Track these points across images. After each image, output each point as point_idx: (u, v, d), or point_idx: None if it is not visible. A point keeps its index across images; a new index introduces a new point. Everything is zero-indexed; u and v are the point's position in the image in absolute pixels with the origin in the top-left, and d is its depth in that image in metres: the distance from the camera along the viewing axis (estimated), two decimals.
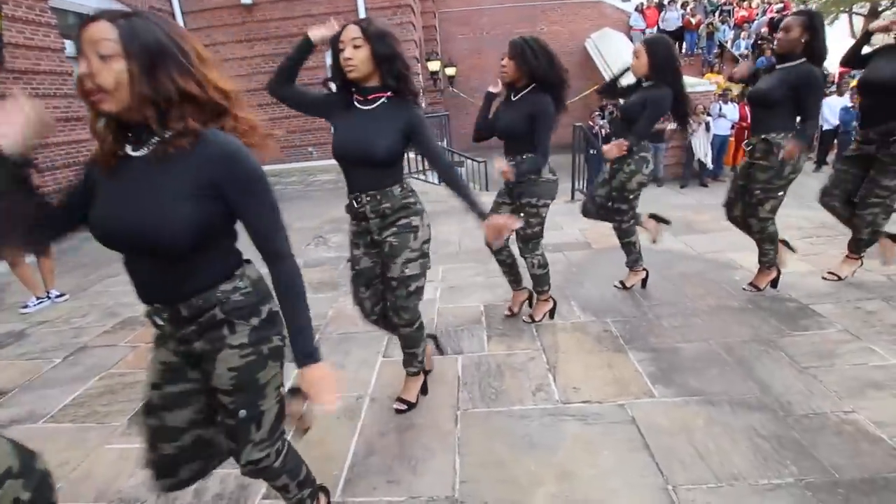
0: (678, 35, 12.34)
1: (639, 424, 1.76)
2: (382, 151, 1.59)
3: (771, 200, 2.55)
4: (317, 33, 1.67)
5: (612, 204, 2.76)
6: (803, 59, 2.39)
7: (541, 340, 2.42)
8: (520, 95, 2.29)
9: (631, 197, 2.68)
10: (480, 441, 1.76)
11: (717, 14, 12.95)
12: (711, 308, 2.62)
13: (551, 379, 2.09)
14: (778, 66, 2.50)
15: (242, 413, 1.05)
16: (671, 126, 7.74)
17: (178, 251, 0.92)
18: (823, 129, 8.88)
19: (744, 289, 2.81)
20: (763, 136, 2.50)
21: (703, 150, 8.28)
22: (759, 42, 11.88)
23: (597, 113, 10.13)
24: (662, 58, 2.47)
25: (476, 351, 2.37)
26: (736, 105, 8.41)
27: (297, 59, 1.72)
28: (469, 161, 8.77)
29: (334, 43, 1.61)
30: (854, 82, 9.72)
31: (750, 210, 2.64)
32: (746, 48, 12.00)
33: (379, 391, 2.11)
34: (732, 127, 8.44)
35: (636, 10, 12.96)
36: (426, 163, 8.09)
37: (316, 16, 9.20)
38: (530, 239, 2.45)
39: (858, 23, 19.34)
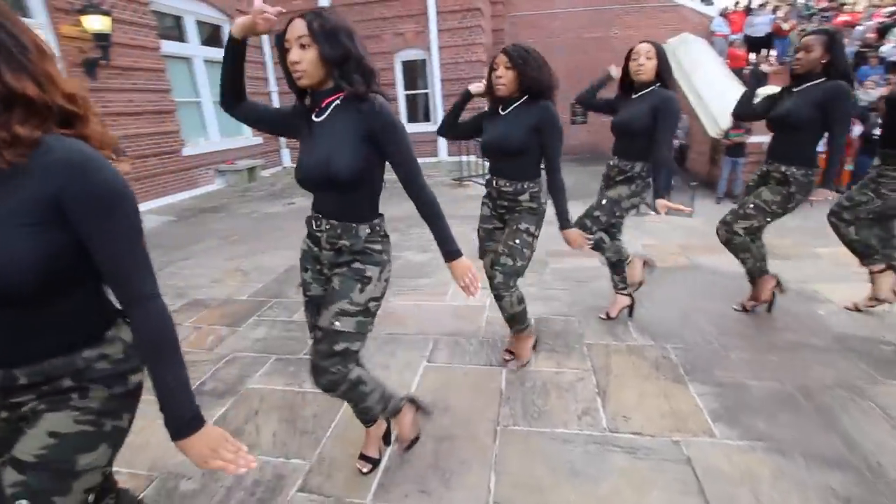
0: (766, 42, 11.45)
1: (694, 466, 1.61)
2: (344, 171, 1.27)
3: (755, 220, 2.49)
4: (238, 25, 1.27)
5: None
6: (824, 79, 2.30)
7: (592, 361, 2.29)
8: (512, 108, 2.02)
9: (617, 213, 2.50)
10: (519, 461, 1.68)
11: (813, 19, 11.87)
12: (790, 344, 2.37)
13: (600, 403, 1.97)
14: (795, 89, 2.40)
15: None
16: (752, 138, 7.18)
17: (14, 298, 0.72)
18: None
19: (735, 309, 2.73)
20: (783, 169, 2.42)
21: None
22: (863, 50, 10.77)
23: None
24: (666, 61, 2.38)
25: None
26: None
27: (230, 64, 1.34)
28: None
29: (280, 42, 1.26)
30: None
31: (729, 215, 2.58)
32: (849, 56, 10.91)
33: (420, 395, 2.09)
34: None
35: (720, 14, 12.17)
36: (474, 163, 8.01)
37: (389, 18, 9.44)
38: (515, 274, 2.08)
39: None
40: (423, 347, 2.49)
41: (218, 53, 8.77)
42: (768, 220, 2.51)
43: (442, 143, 9.76)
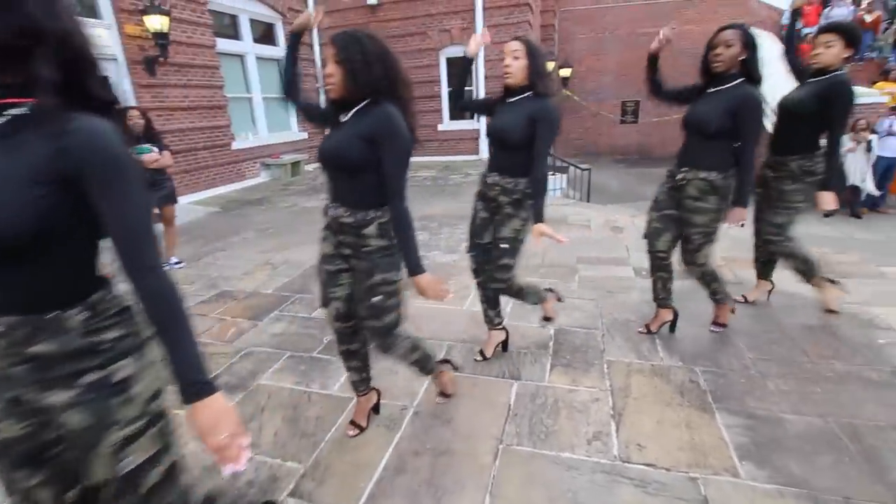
0: None
1: None
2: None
3: (710, 245, 2.32)
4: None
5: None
6: (741, 80, 2.09)
7: (611, 380, 2.15)
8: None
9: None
10: (518, 485, 1.59)
11: None
12: (839, 375, 2.12)
13: (613, 428, 1.83)
14: (711, 90, 2.18)
15: None
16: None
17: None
18: None
19: (711, 330, 2.55)
20: (701, 176, 2.19)
21: (859, 173, 6.94)
22: None
23: None
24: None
25: (535, 379, 2.18)
26: None
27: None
28: (572, 168, 8.34)
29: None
30: None
31: (687, 256, 2.38)
32: None
33: (425, 405, 2.04)
34: None
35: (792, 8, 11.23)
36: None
37: (434, 15, 9.40)
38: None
39: None
40: (437, 352, 2.43)
41: (269, 51, 9.08)
42: (716, 235, 2.32)
43: (484, 141, 9.64)
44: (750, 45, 2.05)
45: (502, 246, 2.08)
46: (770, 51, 10.49)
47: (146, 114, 3.99)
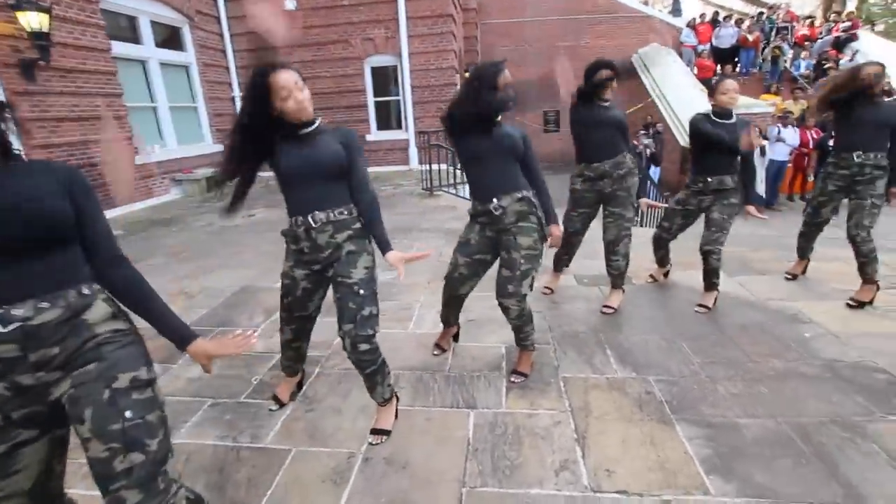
0: (733, 53, 11.70)
1: None
2: None
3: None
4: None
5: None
6: None
7: (569, 399, 2.06)
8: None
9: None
10: None
11: (775, 32, 12.20)
12: (778, 373, 2.19)
13: (579, 454, 1.73)
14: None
15: None
16: None
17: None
18: None
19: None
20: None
21: (757, 176, 7.67)
22: (822, 62, 11.10)
23: (642, 131, 9.65)
24: None
25: (491, 406, 2.04)
26: (796, 129, 7.76)
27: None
28: None
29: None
30: None
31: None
32: (807, 68, 11.23)
33: (374, 450, 1.81)
34: (791, 153, 7.80)
35: (688, 25, 12.38)
36: (459, 174, 7.86)
37: (357, 24, 9.16)
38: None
39: None
40: None
41: (176, 56, 8.32)
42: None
43: (413, 151, 9.52)
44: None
45: None
46: (670, 64, 11.35)
47: None
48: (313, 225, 1.67)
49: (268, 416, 2.06)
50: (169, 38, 8.30)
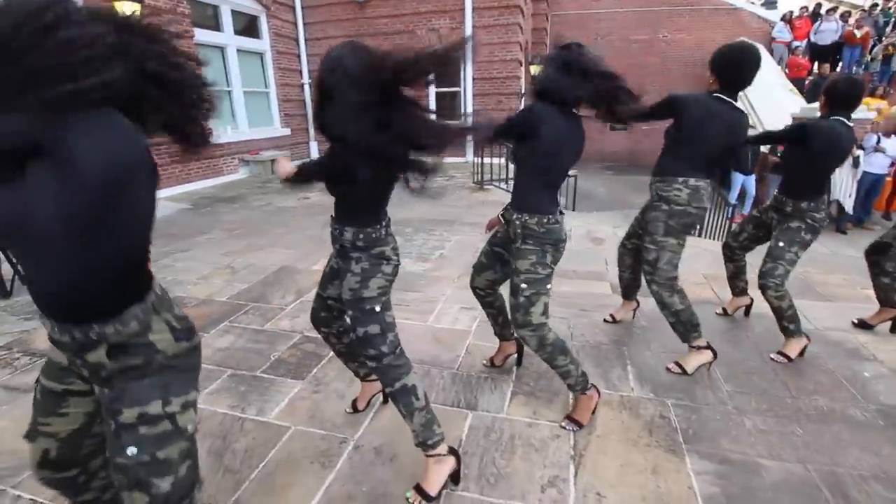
0: (835, 50, 10.50)
1: None
2: None
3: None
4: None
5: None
6: None
7: None
8: None
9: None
10: None
11: (890, 27, 10.78)
12: (822, 414, 1.95)
13: (571, 472, 1.64)
14: None
15: None
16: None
17: None
18: None
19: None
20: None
21: (845, 189, 6.87)
22: None
23: None
24: None
25: (492, 410, 1.99)
26: None
27: None
28: None
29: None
30: None
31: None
32: None
33: (367, 438, 1.83)
34: (892, 164, 6.90)
35: (782, 19, 11.25)
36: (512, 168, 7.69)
37: (423, 13, 9.21)
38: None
39: None
40: None
41: (252, 44, 8.81)
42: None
43: (470, 143, 9.45)
44: None
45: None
46: (764, 63, 10.42)
47: None
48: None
49: (277, 392, 2.14)
50: (247, 26, 8.79)
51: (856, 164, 6.70)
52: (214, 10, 8.04)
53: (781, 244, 2.35)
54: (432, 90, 9.65)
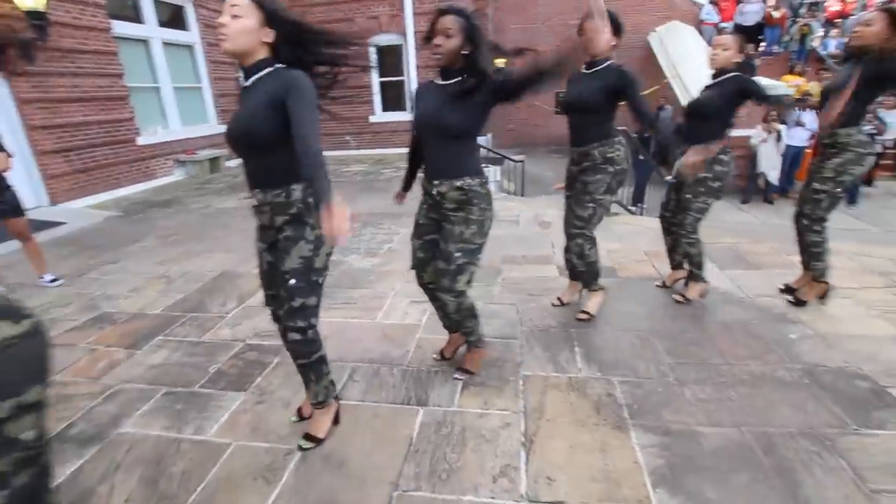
0: (757, 30, 11.10)
1: None
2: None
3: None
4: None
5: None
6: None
7: (525, 399, 1.97)
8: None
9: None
10: None
11: (803, 8, 11.52)
12: (753, 378, 2.06)
13: (522, 460, 1.65)
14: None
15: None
16: (735, 132, 6.87)
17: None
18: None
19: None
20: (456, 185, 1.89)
21: (771, 162, 7.33)
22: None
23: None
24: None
25: (443, 404, 1.96)
26: (817, 113, 7.35)
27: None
28: (507, 161, 8.25)
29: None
30: None
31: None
32: (838, 47, 10.59)
33: (316, 447, 1.76)
34: (812, 137, 7.41)
35: (710, 2, 11.77)
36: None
37: (362, 1, 8.95)
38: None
39: None
40: (335, 378, 2.13)
41: (179, 36, 8.26)
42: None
43: None
44: (474, 37, 1.67)
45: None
46: (689, 42, 10.85)
47: None
48: (256, 204, 1.57)
49: (217, 406, 2.03)
50: (172, 17, 8.23)
51: (779, 138, 7.15)
52: (134, 0, 7.46)
53: (688, 195, 2.64)
54: (376, 79, 9.47)
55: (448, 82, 1.78)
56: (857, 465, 1.56)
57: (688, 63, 9.70)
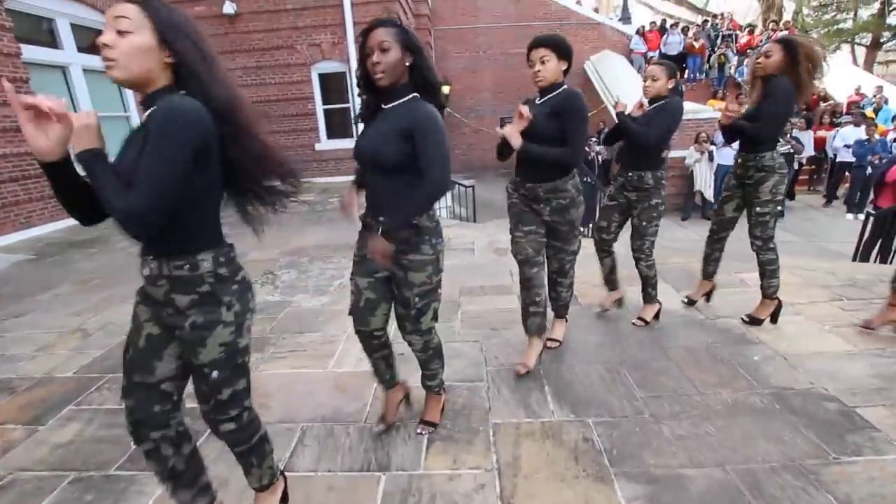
0: (680, 59, 11.97)
1: None
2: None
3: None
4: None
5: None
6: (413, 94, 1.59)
7: (498, 453, 1.79)
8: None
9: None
10: None
11: (719, 39, 12.60)
12: (727, 407, 2.00)
13: None
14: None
15: None
16: (672, 153, 7.22)
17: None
18: (836, 160, 8.38)
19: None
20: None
21: (705, 181, 7.76)
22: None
23: (593, 138, 9.65)
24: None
25: (408, 467, 1.74)
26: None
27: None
28: (457, 185, 8.21)
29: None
30: (870, 112, 9.25)
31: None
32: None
33: None
34: None
35: (637, 33, 12.61)
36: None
37: (302, 28, 8.78)
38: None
39: (861, 54, 19.12)
40: (284, 444, 1.88)
41: (101, 62, 7.69)
42: None
43: None
44: (413, 47, 1.51)
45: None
46: (620, 69, 11.47)
47: None
48: (148, 274, 1.17)
49: (137, 493, 1.70)
50: (94, 42, 7.66)
51: (711, 157, 7.59)
52: (48, 23, 6.88)
53: (644, 223, 2.65)
54: (320, 107, 9.26)
55: (391, 105, 1.57)
56: (843, 499, 1.50)
57: (620, 88, 10.24)
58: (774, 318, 2.70)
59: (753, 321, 2.71)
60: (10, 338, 3.11)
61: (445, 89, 12.09)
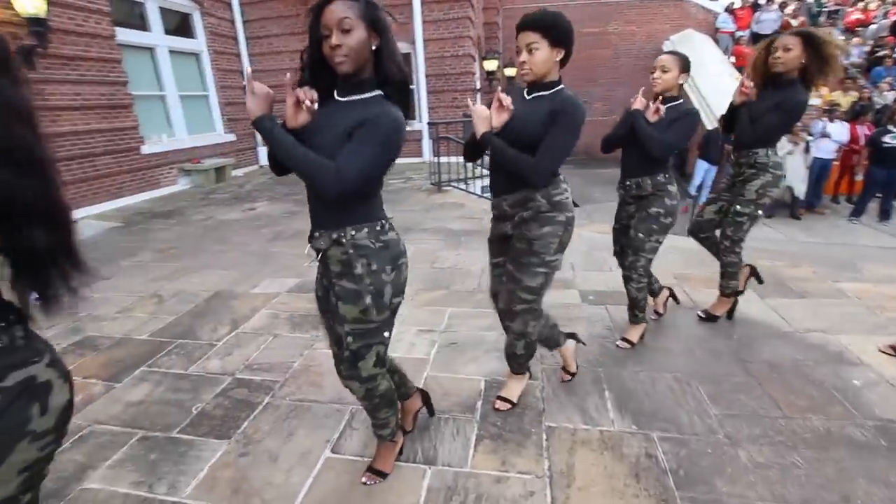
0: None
1: None
2: None
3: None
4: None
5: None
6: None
7: (550, 458, 1.69)
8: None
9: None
10: None
11: (822, 16, 11.23)
12: (818, 437, 1.76)
13: None
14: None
15: None
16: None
17: None
18: None
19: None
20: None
21: (798, 174, 6.98)
22: (876, 50, 10.12)
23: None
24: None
25: (454, 463, 1.68)
26: (845, 124, 7.03)
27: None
28: None
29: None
30: None
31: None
32: (860, 56, 10.26)
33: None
34: (838, 149, 7.08)
35: (726, 10, 11.51)
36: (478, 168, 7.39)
37: None
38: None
39: None
40: (333, 425, 1.89)
41: (185, 44, 8.15)
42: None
43: (426, 142, 9.14)
44: (380, 27, 1.24)
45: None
46: (705, 51, 10.56)
47: None
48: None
49: (196, 457, 1.77)
50: (179, 25, 8.13)
51: (807, 149, 6.83)
52: (139, 7, 7.36)
53: (641, 235, 2.30)
54: None
55: (348, 98, 1.29)
56: None
57: (703, 71, 9.41)
58: (730, 314, 2.66)
59: (709, 317, 2.64)
60: (99, 298, 3.38)
61: (510, 71, 11.72)
